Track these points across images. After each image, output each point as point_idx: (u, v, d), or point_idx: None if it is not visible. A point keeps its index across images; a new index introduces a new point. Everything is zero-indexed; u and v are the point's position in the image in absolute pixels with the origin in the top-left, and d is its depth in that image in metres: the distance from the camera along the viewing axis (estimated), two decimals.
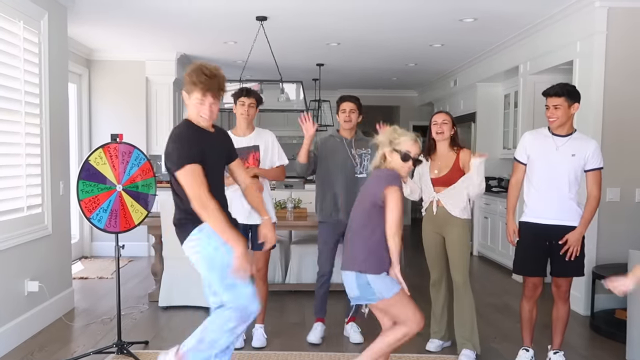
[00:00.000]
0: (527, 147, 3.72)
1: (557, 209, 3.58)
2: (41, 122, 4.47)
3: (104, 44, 7.21)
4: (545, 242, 3.62)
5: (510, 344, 4.20)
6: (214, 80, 2.78)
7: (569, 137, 3.60)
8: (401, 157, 2.94)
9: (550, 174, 3.59)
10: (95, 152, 3.71)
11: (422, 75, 9.58)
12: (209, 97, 2.80)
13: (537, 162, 3.65)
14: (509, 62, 6.93)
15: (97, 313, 4.98)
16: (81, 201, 3.63)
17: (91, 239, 7.75)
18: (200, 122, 2.88)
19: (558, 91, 3.54)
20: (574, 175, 3.57)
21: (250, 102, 4.07)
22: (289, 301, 5.38)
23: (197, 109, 2.83)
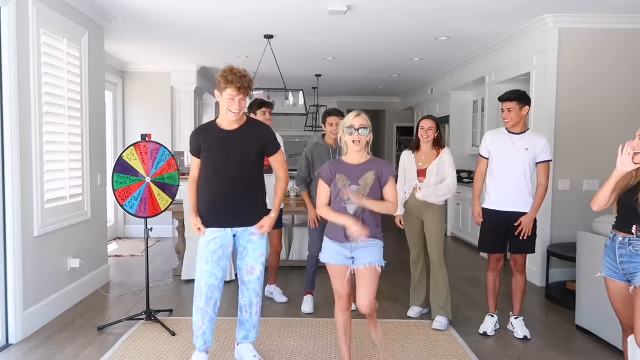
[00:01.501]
0: (488, 143, 3.72)
1: (513, 197, 3.59)
2: (82, 124, 4.44)
3: (135, 58, 7.15)
4: (504, 226, 3.63)
5: (479, 311, 4.20)
6: (244, 79, 2.80)
7: (523, 134, 3.61)
8: (347, 132, 2.73)
9: (508, 165, 3.60)
10: (127, 149, 3.68)
11: (404, 84, 9.54)
12: (239, 95, 2.80)
13: (497, 155, 3.66)
14: (477, 74, 6.89)
15: (129, 286, 4.96)
16: (116, 191, 3.60)
17: (124, 223, 7.71)
18: (229, 117, 2.86)
19: (510, 96, 3.56)
20: (528, 166, 3.57)
21: (269, 111, 4.25)
22: (292, 275, 5.36)
23: (228, 104, 2.83)
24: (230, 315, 3.98)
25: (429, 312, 4.12)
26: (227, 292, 4.58)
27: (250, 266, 3.00)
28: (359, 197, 2.68)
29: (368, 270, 2.73)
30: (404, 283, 4.84)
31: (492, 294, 3.81)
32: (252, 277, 3.01)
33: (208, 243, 2.93)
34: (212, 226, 2.94)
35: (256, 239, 2.99)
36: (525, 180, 3.58)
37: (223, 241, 2.95)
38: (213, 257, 2.91)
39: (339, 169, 2.77)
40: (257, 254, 3.00)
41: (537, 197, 3.58)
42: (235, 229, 2.97)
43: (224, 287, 3.11)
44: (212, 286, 2.91)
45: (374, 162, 2.80)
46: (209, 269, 2.90)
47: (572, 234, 4.71)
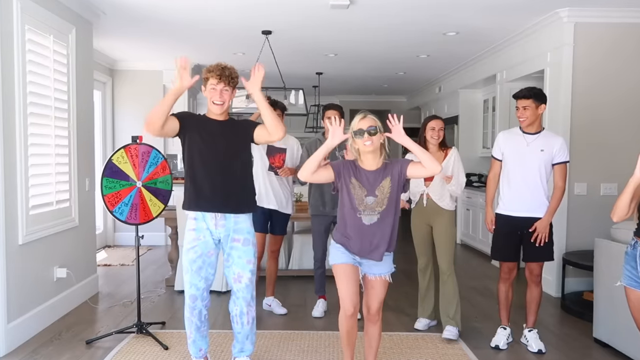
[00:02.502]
0: (501, 145, 3.73)
1: (528, 202, 3.58)
2: (69, 125, 4.45)
3: (126, 55, 7.18)
4: (517, 232, 3.63)
5: (490, 323, 4.19)
6: (226, 69, 2.90)
7: (538, 134, 3.61)
8: (356, 136, 2.70)
9: (522, 167, 3.60)
10: (117, 152, 3.69)
11: (410, 82, 9.56)
12: (221, 84, 2.88)
13: (511, 157, 3.66)
14: (488, 71, 6.91)
15: (119, 297, 4.96)
16: (105, 196, 3.61)
17: (114, 230, 7.73)
18: (213, 110, 2.93)
19: (526, 94, 3.56)
20: (544, 168, 3.57)
21: (278, 113, 4.15)
22: (292, 285, 5.36)
23: (210, 94, 2.92)
24: (227, 328, 3.97)
25: (437, 324, 4.11)
26: (224, 304, 4.59)
27: (237, 274, 3.02)
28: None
29: (378, 280, 2.83)
30: (410, 293, 4.84)
31: (505, 305, 3.81)
32: (240, 285, 3.03)
33: (187, 252, 2.99)
34: (197, 209, 2.97)
35: (239, 245, 3.01)
36: (542, 183, 3.58)
37: (203, 249, 2.97)
38: (192, 267, 2.96)
39: (355, 174, 2.74)
40: (242, 261, 3.02)
41: (552, 200, 3.58)
42: (218, 234, 2.99)
43: (221, 299, 3.13)
44: (192, 296, 2.98)
45: (389, 165, 2.76)
46: (189, 278, 2.98)
47: (589, 241, 4.70)
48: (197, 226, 2.98)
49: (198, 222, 2.98)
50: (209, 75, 2.90)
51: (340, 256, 2.80)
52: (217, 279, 4.86)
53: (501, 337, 3.77)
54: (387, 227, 2.74)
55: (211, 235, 2.98)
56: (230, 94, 2.94)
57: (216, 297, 4.77)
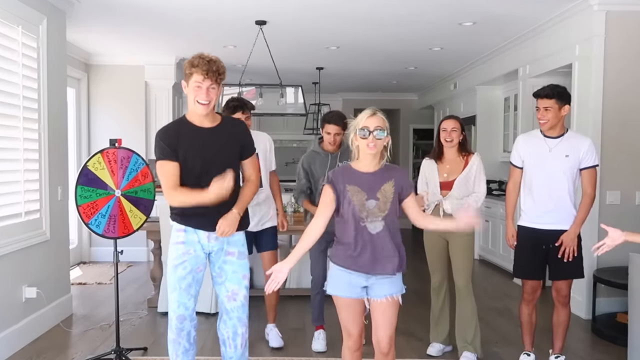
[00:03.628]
0: (520, 150, 3.74)
1: (553, 212, 3.59)
2: (39, 127, 4.47)
3: (103, 48, 7.21)
4: (542, 246, 3.63)
5: (512, 348, 4.18)
6: (212, 63, 2.85)
7: (561, 137, 3.60)
8: (361, 136, 2.70)
9: (545, 176, 3.59)
10: (93, 157, 3.70)
11: (422, 78, 9.58)
12: (207, 80, 2.83)
13: (532, 164, 3.66)
14: (509, 66, 6.92)
15: (96, 319, 4.97)
16: (80, 207, 3.63)
17: (90, 244, 7.73)
18: (197, 110, 2.90)
19: (549, 93, 3.54)
20: (570, 175, 3.57)
21: (247, 116, 4.08)
22: (289, 306, 5.36)
23: (195, 93, 2.86)
24: (217, 354, 3.95)
25: (453, 350, 4.11)
26: (212, 327, 4.57)
27: (232, 291, 3.03)
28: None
29: (388, 302, 2.77)
30: (422, 315, 4.83)
31: (528, 329, 3.81)
32: (236, 303, 3.04)
33: (175, 268, 2.98)
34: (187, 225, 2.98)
35: (234, 259, 3.02)
36: (568, 192, 3.58)
37: (193, 265, 2.98)
38: (181, 284, 2.96)
39: (350, 179, 2.74)
40: (237, 276, 3.03)
41: (581, 209, 3.58)
42: (210, 248, 3.01)
43: (210, 321, 3.13)
44: (181, 317, 2.98)
45: (390, 169, 2.79)
46: (177, 297, 2.97)
47: (622, 257, 4.68)
48: (186, 239, 2.99)
49: (188, 235, 2.99)
50: (193, 70, 2.84)
51: (343, 287, 2.77)
52: (205, 298, 4.86)
53: None
54: (395, 236, 2.75)
55: (202, 248, 2.99)
56: (217, 91, 2.91)
57: (204, 319, 4.77)
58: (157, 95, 7.81)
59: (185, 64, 2.92)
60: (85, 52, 7.39)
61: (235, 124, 3.11)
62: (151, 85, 7.79)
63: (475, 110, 8.31)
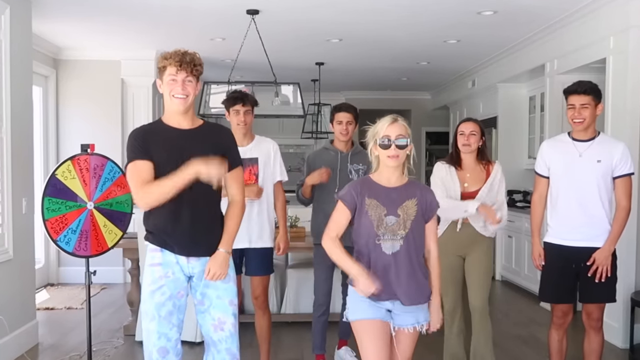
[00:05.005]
0: (545, 156, 3.74)
1: (584, 227, 3.58)
2: (1, 130, 4.48)
3: (73, 41, 7.22)
4: (572, 266, 3.62)
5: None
6: (187, 55, 2.88)
7: (591, 141, 3.60)
8: (381, 145, 2.73)
9: (575, 184, 3.59)
10: (63, 164, 3.71)
11: (435, 75, 9.59)
12: (181, 72, 2.86)
13: (559, 172, 3.66)
14: (534, 61, 6.93)
15: (65, 349, 4.95)
16: (47, 221, 3.62)
17: (58, 264, 7.71)
18: (174, 106, 2.91)
19: (587, 89, 3.54)
20: (604, 184, 3.56)
21: (246, 110, 4.01)
22: (285, 334, 5.35)
23: (169, 88, 2.89)
24: None
25: None
26: (198, 358, 4.54)
27: (218, 320, 3.00)
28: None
29: (407, 334, 2.81)
30: (434, 344, 4.80)
31: (558, 357, 3.80)
32: (223, 333, 3.00)
33: (152, 294, 2.93)
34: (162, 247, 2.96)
35: (218, 282, 2.99)
36: (602, 203, 3.57)
37: (172, 289, 2.94)
38: (160, 312, 2.92)
39: (370, 192, 2.77)
40: (223, 302, 3.00)
41: (615, 224, 3.58)
42: (190, 270, 2.98)
43: (195, 351, 3.10)
44: (162, 350, 2.92)
45: (414, 186, 2.82)
46: (156, 327, 2.91)
47: None
48: (163, 260, 2.95)
49: (165, 255, 2.96)
50: (166, 62, 2.87)
51: (365, 308, 2.75)
52: (190, 326, 4.85)
53: None
54: (412, 259, 2.74)
55: (182, 270, 2.97)
56: (194, 86, 2.92)
57: (188, 349, 4.74)
58: (135, 94, 7.82)
59: (158, 59, 2.95)
60: (54, 46, 7.41)
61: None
62: (128, 82, 7.81)
63: (497, 111, 8.31)
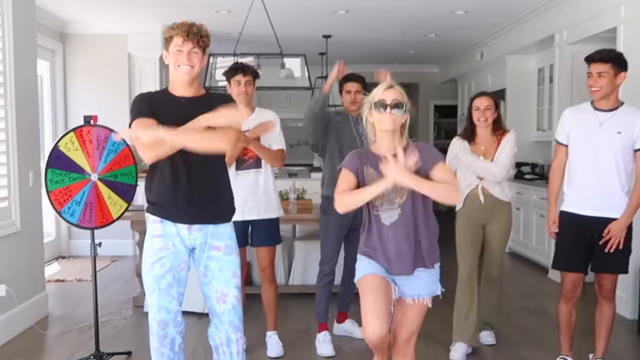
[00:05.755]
0: (566, 124, 3.69)
1: (600, 198, 3.54)
2: (6, 103, 4.43)
3: (79, 15, 7.16)
4: (586, 235, 3.58)
5: (546, 353, 4.13)
6: (194, 26, 2.87)
7: (614, 111, 3.54)
8: (377, 109, 2.67)
9: (593, 154, 3.54)
10: (65, 136, 3.67)
11: (443, 47, 9.52)
12: (188, 43, 2.84)
13: (578, 141, 3.61)
14: (544, 31, 6.83)
15: (74, 320, 4.96)
16: (50, 192, 3.60)
17: (69, 237, 7.74)
18: (179, 75, 2.88)
19: (604, 56, 3.48)
20: (623, 156, 3.50)
21: (247, 80, 3.98)
22: (292, 305, 5.34)
23: (175, 58, 2.87)
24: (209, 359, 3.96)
25: (474, 354, 4.14)
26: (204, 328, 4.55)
27: (221, 292, 2.97)
28: (399, 168, 2.54)
29: (413, 305, 2.77)
30: (444, 315, 4.76)
31: (566, 330, 3.76)
32: (226, 306, 2.97)
33: (152, 266, 2.90)
34: (163, 217, 2.92)
35: (220, 254, 2.96)
36: (618, 175, 3.52)
37: (173, 261, 2.91)
38: (160, 285, 2.89)
39: (368, 162, 2.73)
40: (225, 275, 2.97)
41: (634, 196, 3.52)
42: (191, 241, 2.94)
43: (202, 322, 3.08)
44: (162, 322, 2.91)
45: (411, 147, 2.73)
46: (156, 300, 2.90)
47: None
48: (163, 231, 2.92)
49: (165, 227, 2.92)
50: (173, 33, 2.86)
51: (368, 266, 2.76)
52: (197, 297, 4.83)
53: None
54: (412, 228, 2.70)
55: (182, 242, 2.93)
56: (200, 57, 2.90)
57: (197, 319, 4.75)
58: (141, 67, 7.77)
59: (165, 30, 2.93)
60: (60, 20, 7.35)
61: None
62: (135, 56, 7.75)
63: (505, 83, 8.24)
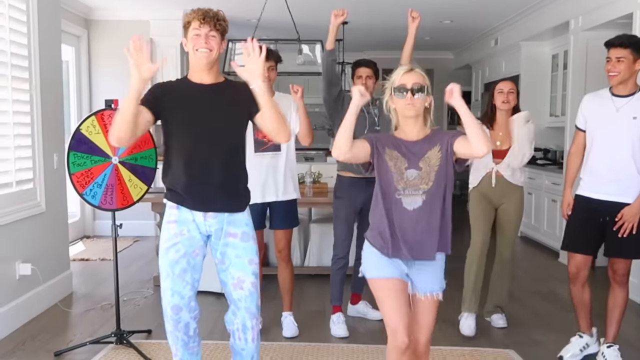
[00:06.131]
0: (584, 110, 3.66)
1: (614, 182, 3.47)
2: (31, 87, 4.40)
3: (104, 1, 7.14)
4: (599, 219, 3.52)
5: (557, 336, 4.07)
6: (211, 11, 2.81)
7: (631, 97, 3.47)
8: (398, 94, 2.53)
9: (609, 138, 3.48)
10: (87, 120, 3.64)
11: (458, 34, 9.40)
12: (205, 26, 2.77)
13: (595, 126, 3.56)
14: (558, 17, 6.69)
15: (97, 298, 4.96)
16: (73, 175, 3.57)
17: (93, 218, 7.75)
18: (197, 60, 2.81)
19: (624, 41, 3.42)
20: (637, 140, 3.42)
21: (270, 65, 3.88)
22: (308, 286, 5.30)
23: (193, 43, 2.80)
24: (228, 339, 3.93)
25: None
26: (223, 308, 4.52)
27: (237, 278, 2.90)
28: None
29: (426, 301, 2.66)
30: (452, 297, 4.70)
31: (581, 309, 3.74)
32: (243, 292, 2.91)
33: (167, 251, 2.85)
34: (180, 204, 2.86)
35: (237, 241, 2.89)
36: (634, 159, 3.44)
37: (187, 247, 2.85)
38: (174, 270, 2.83)
39: (390, 143, 2.59)
40: (242, 261, 2.90)
41: None
42: (207, 228, 2.88)
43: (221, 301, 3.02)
44: (176, 307, 2.86)
45: (437, 134, 2.61)
46: (170, 285, 2.85)
47: None
48: (179, 217, 2.86)
49: (181, 213, 2.86)
50: (190, 18, 2.80)
51: (381, 266, 2.60)
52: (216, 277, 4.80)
53: (575, 346, 3.71)
54: (436, 214, 2.56)
55: (197, 228, 2.87)
56: (218, 42, 2.82)
57: (215, 299, 4.73)
58: (163, 53, 7.67)
59: (183, 17, 2.87)
60: (85, 6, 7.30)
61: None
62: (157, 42, 7.70)
63: (519, 70, 8.13)
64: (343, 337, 4.09)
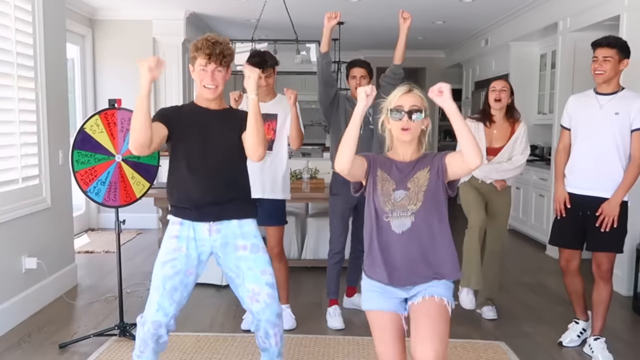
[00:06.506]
0: (569, 109, 3.66)
1: (594, 177, 3.49)
2: (37, 86, 4.35)
3: (108, 1, 7.05)
4: (579, 213, 3.54)
5: (545, 328, 4.07)
6: (216, 45, 2.76)
7: (614, 95, 3.47)
8: (393, 117, 2.34)
9: (592, 134, 3.49)
10: (91, 119, 3.59)
11: (450, 34, 9.36)
12: (211, 64, 2.76)
13: (579, 123, 3.57)
14: (547, 19, 6.65)
15: (101, 290, 4.92)
16: (77, 172, 3.53)
17: (98, 211, 7.70)
18: (204, 94, 2.83)
19: (612, 42, 3.43)
20: (620, 137, 3.42)
21: (267, 75, 3.86)
22: (305, 279, 5.26)
23: (200, 77, 2.81)
24: (228, 330, 3.96)
25: None
26: (223, 300, 4.50)
27: (252, 291, 2.80)
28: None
29: (430, 304, 2.32)
30: None
31: (575, 297, 3.77)
32: (259, 305, 2.80)
33: (163, 265, 2.76)
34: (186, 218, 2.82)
35: (247, 253, 2.81)
36: (617, 155, 3.43)
37: (182, 265, 2.76)
38: (166, 285, 2.73)
39: (382, 165, 2.42)
40: (255, 273, 2.80)
41: (626, 175, 3.43)
42: (212, 243, 2.82)
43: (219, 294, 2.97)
44: (156, 322, 2.74)
45: (428, 156, 2.42)
46: (158, 299, 2.73)
47: None
48: (180, 233, 2.79)
49: (183, 229, 2.80)
50: (197, 54, 2.78)
51: (376, 298, 2.41)
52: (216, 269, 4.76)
53: (572, 332, 3.80)
54: (426, 237, 2.34)
55: (196, 248, 2.80)
56: (224, 75, 2.82)
57: (215, 292, 4.70)
58: (165, 52, 7.62)
59: (190, 47, 2.86)
60: (89, 6, 7.22)
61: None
62: (159, 42, 7.63)
63: (508, 69, 8.10)
64: (339, 329, 4.07)
